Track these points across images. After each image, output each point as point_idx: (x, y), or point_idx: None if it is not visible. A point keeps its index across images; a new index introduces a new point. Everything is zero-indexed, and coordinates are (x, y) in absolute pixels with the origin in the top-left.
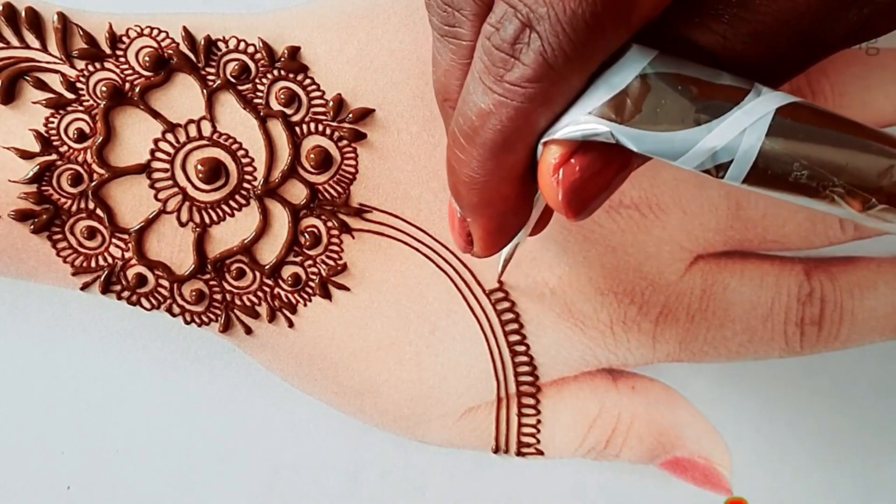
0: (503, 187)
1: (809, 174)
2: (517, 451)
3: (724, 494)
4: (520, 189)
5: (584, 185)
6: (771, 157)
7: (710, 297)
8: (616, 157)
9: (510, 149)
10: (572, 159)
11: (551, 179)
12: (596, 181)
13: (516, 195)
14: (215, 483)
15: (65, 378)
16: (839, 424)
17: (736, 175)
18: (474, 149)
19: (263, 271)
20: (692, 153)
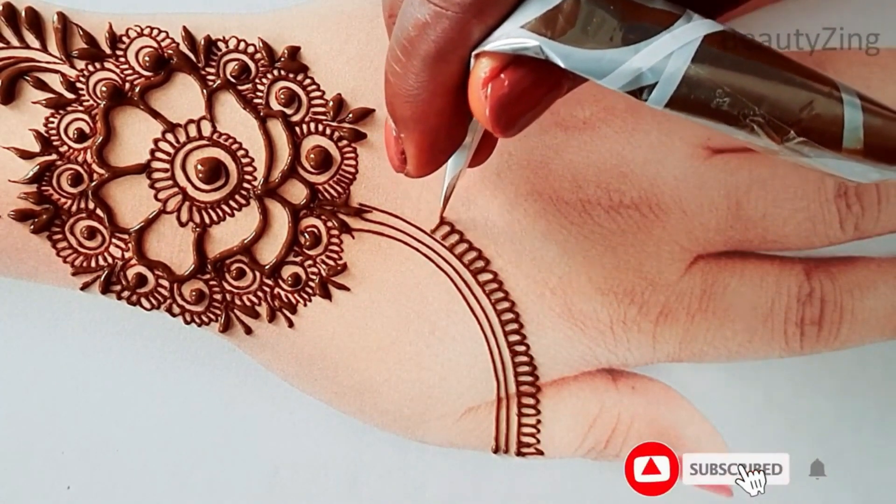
0: (436, 101)
1: (731, 102)
2: (517, 451)
3: (725, 495)
4: (453, 104)
5: (513, 101)
6: (695, 81)
7: (710, 297)
8: (547, 76)
9: (444, 60)
10: (502, 74)
11: (480, 93)
12: (524, 98)
13: (449, 110)
14: (215, 483)
15: (65, 378)
16: (839, 424)
17: (659, 98)
18: (410, 60)
19: (263, 271)
20: (618, 73)
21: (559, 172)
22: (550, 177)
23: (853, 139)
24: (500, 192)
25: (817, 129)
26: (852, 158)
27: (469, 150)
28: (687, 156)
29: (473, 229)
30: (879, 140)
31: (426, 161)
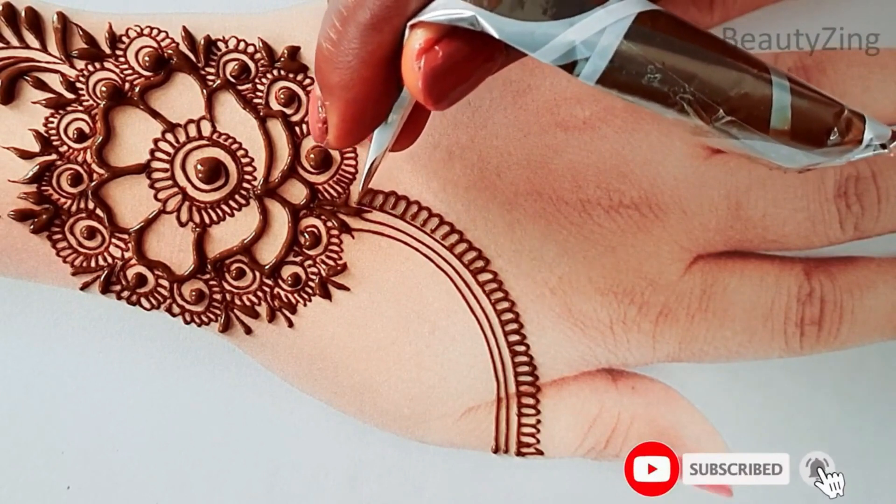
0: (366, 70)
1: (662, 78)
2: (517, 451)
3: (725, 495)
4: (382, 74)
5: (446, 74)
6: (626, 57)
7: (710, 297)
8: (481, 49)
9: (378, 29)
10: (436, 46)
11: (414, 64)
12: (458, 71)
13: (377, 81)
14: (215, 483)
15: (65, 378)
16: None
17: (591, 73)
18: (345, 27)
19: (263, 271)
20: (551, 45)
21: (559, 172)
22: (550, 177)
23: (780, 119)
24: (499, 192)
25: (745, 108)
26: (779, 140)
27: (395, 129)
28: (687, 156)
29: (473, 229)
30: (806, 122)
31: (347, 131)
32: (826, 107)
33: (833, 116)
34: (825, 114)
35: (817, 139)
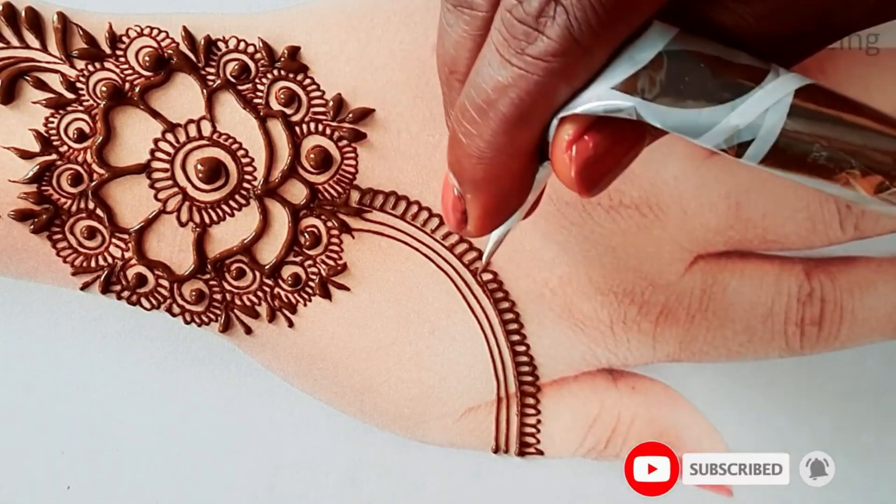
0: (512, 163)
1: (828, 155)
2: (517, 451)
3: (725, 495)
4: (528, 166)
5: (597, 162)
6: (792, 137)
7: (710, 297)
8: (629, 134)
9: (525, 123)
10: (586, 136)
11: (564, 156)
12: (609, 158)
13: (523, 172)
14: (215, 483)
15: (65, 378)
16: (839, 424)
17: (755, 154)
18: (487, 122)
19: (263, 271)
20: (715, 131)
21: None
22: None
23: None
24: None
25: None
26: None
27: (527, 205)
28: (687, 156)
29: None
30: None
31: (491, 222)
32: None
33: None
34: None
35: None
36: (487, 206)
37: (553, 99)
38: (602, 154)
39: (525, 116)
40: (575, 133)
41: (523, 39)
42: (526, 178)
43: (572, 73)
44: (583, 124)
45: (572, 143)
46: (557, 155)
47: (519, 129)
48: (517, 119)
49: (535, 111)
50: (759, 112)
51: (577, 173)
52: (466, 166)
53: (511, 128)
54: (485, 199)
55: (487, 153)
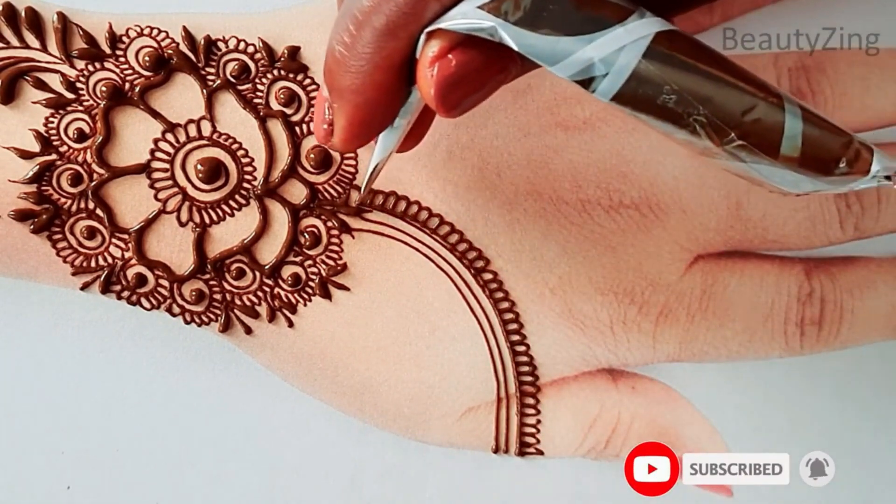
0: (378, 74)
1: (677, 99)
2: (517, 451)
3: (725, 495)
4: (392, 80)
5: (459, 82)
6: (644, 77)
7: (710, 297)
8: (495, 59)
9: (394, 35)
10: (450, 54)
11: (427, 71)
12: (471, 79)
13: (388, 86)
14: (215, 483)
15: (65, 378)
16: (839, 424)
17: (606, 90)
18: (360, 32)
19: (263, 271)
20: (569, 61)
21: (559, 172)
22: (550, 177)
23: (790, 147)
24: (500, 192)
25: (757, 133)
26: (787, 167)
27: (401, 133)
28: (687, 156)
29: (473, 229)
30: (816, 150)
31: (355, 134)
32: (836, 136)
33: (842, 146)
34: (835, 143)
35: (825, 168)
36: (352, 118)
37: (423, 14)
38: (464, 74)
39: (395, 28)
40: (440, 50)
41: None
42: (392, 92)
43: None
44: (448, 42)
45: (436, 60)
46: (421, 70)
47: (388, 39)
48: (387, 30)
49: (404, 24)
50: (615, 48)
51: (436, 91)
52: (336, 74)
53: (380, 38)
54: (350, 109)
55: (355, 62)
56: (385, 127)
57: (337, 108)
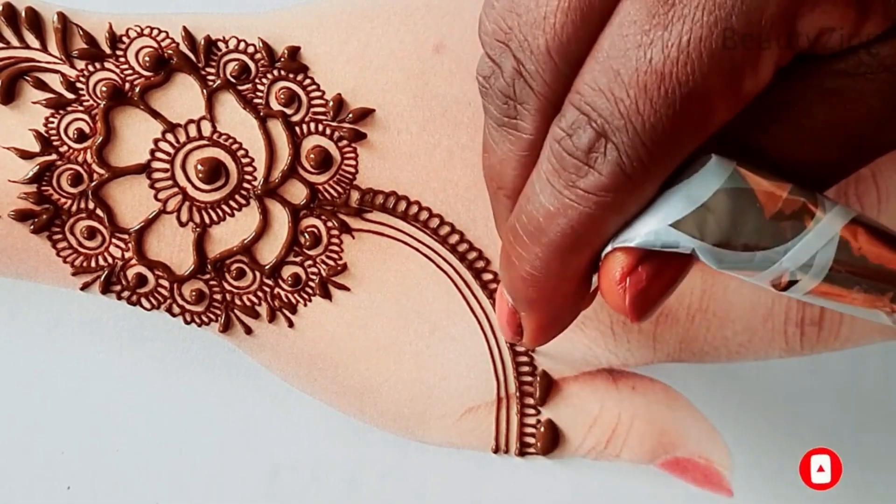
0: (564, 286)
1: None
2: (517, 451)
3: (725, 495)
4: (580, 288)
5: (649, 291)
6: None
7: (710, 298)
8: (678, 262)
9: (577, 251)
10: (639, 267)
11: (618, 287)
12: (659, 285)
13: (576, 294)
14: (215, 483)
15: (65, 378)
16: (839, 424)
17: (801, 290)
18: (538, 248)
19: (263, 271)
20: (767, 272)
21: None
22: None
23: None
24: None
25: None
26: None
27: None
28: None
29: (474, 229)
30: None
31: (546, 336)
32: None
33: None
34: None
35: None
36: (542, 322)
37: (604, 230)
38: (654, 283)
39: (576, 245)
40: (628, 265)
41: (574, 173)
42: (579, 298)
43: (623, 207)
44: (635, 256)
45: (626, 276)
46: (609, 285)
47: (570, 255)
48: (569, 247)
49: (586, 241)
50: (809, 256)
51: (630, 304)
52: (520, 287)
53: (564, 254)
54: (539, 317)
55: (540, 277)
56: (573, 320)
57: (525, 317)
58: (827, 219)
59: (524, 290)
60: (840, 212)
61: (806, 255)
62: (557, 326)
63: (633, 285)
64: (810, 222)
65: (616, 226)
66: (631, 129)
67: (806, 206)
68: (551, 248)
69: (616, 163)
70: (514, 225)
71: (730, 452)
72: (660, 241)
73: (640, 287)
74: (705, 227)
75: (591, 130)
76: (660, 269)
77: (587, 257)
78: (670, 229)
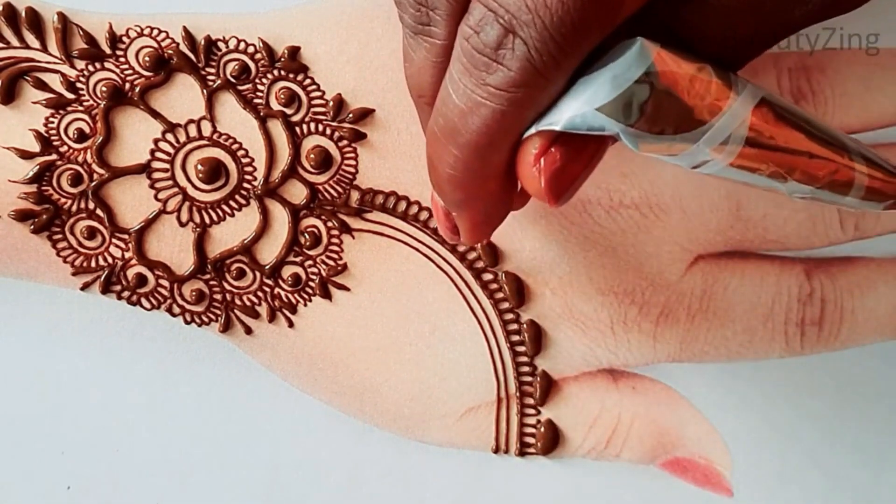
0: (488, 184)
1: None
2: (517, 451)
3: (725, 495)
4: (504, 183)
5: (565, 172)
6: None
7: (710, 298)
8: (593, 143)
9: (493, 148)
10: (553, 148)
11: (532, 170)
12: (575, 167)
13: (501, 189)
14: (215, 483)
15: (65, 378)
16: (839, 424)
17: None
18: (456, 148)
19: (263, 271)
20: (683, 155)
21: None
22: None
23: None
24: None
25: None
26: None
27: None
28: None
29: None
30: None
31: (482, 232)
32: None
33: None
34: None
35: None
36: (474, 220)
37: (518, 125)
38: (569, 164)
39: (492, 142)
40: (541, 146)
41: (483, 70)
42: (505, 192)
43: (535, 101)
44: (548, 137)
45: (540, 157)
46: (525, 169)
47: (488, 153)
48: (485, 144)
49: (501, 137)
50: (722, 139)
51: (546, 185)
52: (446, 188)
53: (481, 152)
54: (469, 215)
55: (462, 176)
56: (508, 213)
57: (457, 216)
58: (740, 99)
59: (450, 191)
60: (751, 92)
61: (721, 135)
62: (490, 223)
63: (549, 166)
64: (726, 103)
65: (529, 120)
66: (539, 23)
67: (722, 87)
68: (468, 147)
69: (525, 58)
70: (432, 128)
71: (730, 452)
72: (586, 124)
73: (556, 168)
74: (630, 110)
75: (498, 27)
76: (575, 151)
77: (505, 153)
78: (597, 113)
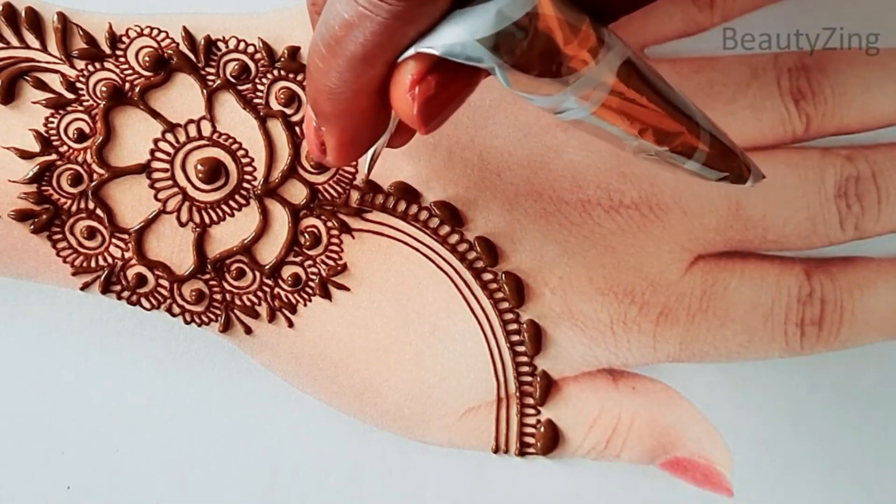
0: (360, 100)
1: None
2: (517, 451)
3: (725, 495)
4: (376, 102)
5: (437, 100)
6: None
7: (710, 298)
8: (469, 75)
9: (370, 63)
10: (429, 75)
11: (407, 95)
12: (448, 95)
13: (372, 108)
14: (215, 483)
15: (65, 378)
16: (839, 424)
17: (572, 118)
18: (334, 59)
19: (263, 271)
20: (549, 100)
21: (559, 172)
22: (550, 177)
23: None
24: (500, 192)
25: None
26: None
27: (388, 133)
28: None
29: (474, 229)
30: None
31: (347, 154)
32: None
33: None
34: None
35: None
36: (342, 139)
37: (398, 41)
38: (442, 92)
39: (371, 56)
40: (418, 72)
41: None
42: (377, 113)
43: (417, 17)
44: (426, 63)
45: (416, 83)
46: (399, 93)
47: (364, 67)
48: (362, 58)
49: (380, 51)
50: (588, 89)
51: (419, 111)
52: (320, 100)
53: (357, 66)
54: (338, 132)
55: (336, 89)
56: (376, 140)
57: (326, 132)
58: (611, 55)
59: (323, 104)
60: (620, 50)
61: (589, 85)
62: (357, 145)
63: (423, 93)
64: (596, 57)
65: (409, 37)
66: None
67: (596, 40)
68: (346, 58)
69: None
70: (315, 38)
71: (730, 452)
72: (465, 53)
73: (429, 95)
74: (510, 47)
75: None
76: (449, 80)
77: (380, 69)
78: (476, 44)
